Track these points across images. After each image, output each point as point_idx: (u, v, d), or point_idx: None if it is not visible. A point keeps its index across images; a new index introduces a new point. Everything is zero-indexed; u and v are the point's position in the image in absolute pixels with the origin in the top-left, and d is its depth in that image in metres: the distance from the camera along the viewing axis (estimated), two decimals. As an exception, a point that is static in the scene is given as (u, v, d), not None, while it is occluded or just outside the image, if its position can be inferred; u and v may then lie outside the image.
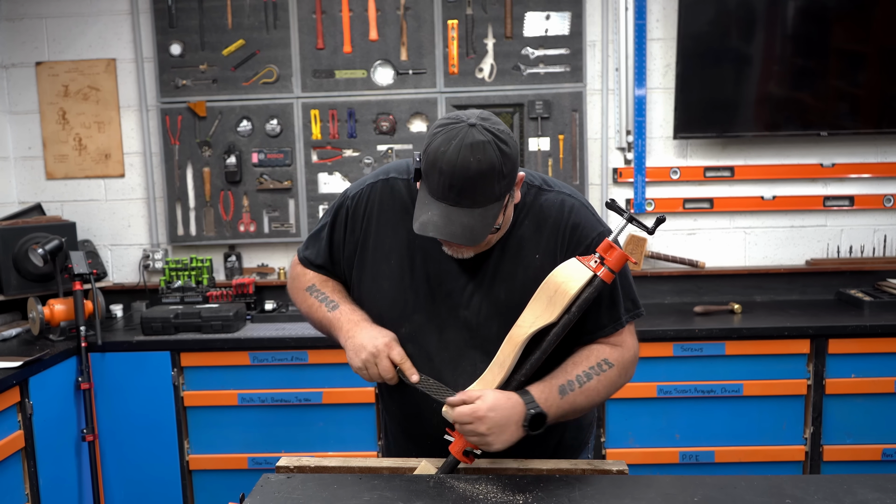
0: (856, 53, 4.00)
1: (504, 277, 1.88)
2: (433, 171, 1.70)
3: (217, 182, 4.19)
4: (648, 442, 3.66)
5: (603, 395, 1.87)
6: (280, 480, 1.80)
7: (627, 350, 1.91)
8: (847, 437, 3.61)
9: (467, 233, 1.71)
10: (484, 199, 1.71)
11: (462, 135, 1.69)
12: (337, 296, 2.01)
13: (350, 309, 1.96)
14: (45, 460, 3.36)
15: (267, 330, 3.75)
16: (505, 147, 1.70)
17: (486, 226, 1.73)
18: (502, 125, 1.75)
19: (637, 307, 1.95)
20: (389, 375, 1.87)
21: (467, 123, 1.70)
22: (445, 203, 1.71)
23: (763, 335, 3.58)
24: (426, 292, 1.92)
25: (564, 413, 1.82)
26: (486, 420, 1.72)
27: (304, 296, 2.06)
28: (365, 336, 1.88)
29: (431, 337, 1.92)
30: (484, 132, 1.69)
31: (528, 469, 1.84)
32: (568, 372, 1.84)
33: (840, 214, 4.18)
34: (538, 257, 1.87)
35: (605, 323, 1.89)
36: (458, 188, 1.69)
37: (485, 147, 1.67)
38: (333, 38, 4.09)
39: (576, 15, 4.02)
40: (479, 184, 1.68)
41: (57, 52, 4.23)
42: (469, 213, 1.71)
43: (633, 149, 4.13)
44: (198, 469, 3.74)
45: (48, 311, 3.66)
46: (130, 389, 3.67)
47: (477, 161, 1.67)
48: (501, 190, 1.72)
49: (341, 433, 3.69)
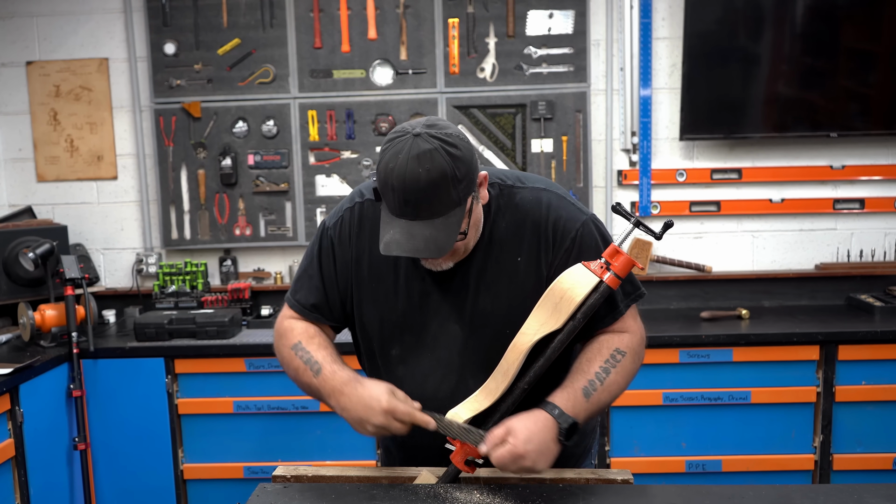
0: (866, 53, 4.01)
1: (487, 286, 1.88)
2: (387, 189, 1.70)
3: (212, 184, 4.20)
4: (654, 451, 3.66)
5: (623, 386, 1.88)
6: (277, 490, 1.81)
7: (634, 334, 1.91)
8: (858, 446, 3.61)
9: (431, 245, 1.71)
10: (443, 208, 1.70)
11: (407, 147, 1.67)
12: (321, 353, 1.92)
13: (331, 371, 1.88)
14: (36, 469, 3.36)
15: (263, 336, 3.76)
16: (454, 150, 1.69)
17: (451, 234, 1.72)
18: (451, 129, 1.74)
19: (637, 288, 1.94)
20: (405, 431, 1.80)
21: (412, 134, 1.69)
22: (404, 219, 1.71)
23: (771, 341, 3.58)
24: (413, 311, 1.91)
25: (592, 414, 1.83)
26: (527, 456, 1.70)
27: (291, 356, 1.97)
28: (359, 407, 1.79)
29: (423, 356, 1.92)
30: (429, 139, 1.68)
31: (530, 478, 1.84)
32: (586, 371, 1.83)
33: (850, 217, 4.18)
34: (520, 260, 1.87)
35: (602, 314, 1.88)
36: (412, 202, 1.68)
37: (432, 155, 1.66)
38: (331, 37, 4.10)
39: (579, 13, 4.03)
40: (434, 193, 1.67)
41: (48, 51, 4.24)
42: (430, 224, 1.70)
43: (639, 150, 4.14)
44: (192, 478, 3.74)
45: (39, 317, 3.66)
46: (123, 397, 3.68)
47: (426, 171, 1.66)
48: (460, 194, 1.71)
49: (339, 442, 3.69)
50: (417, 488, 1.79)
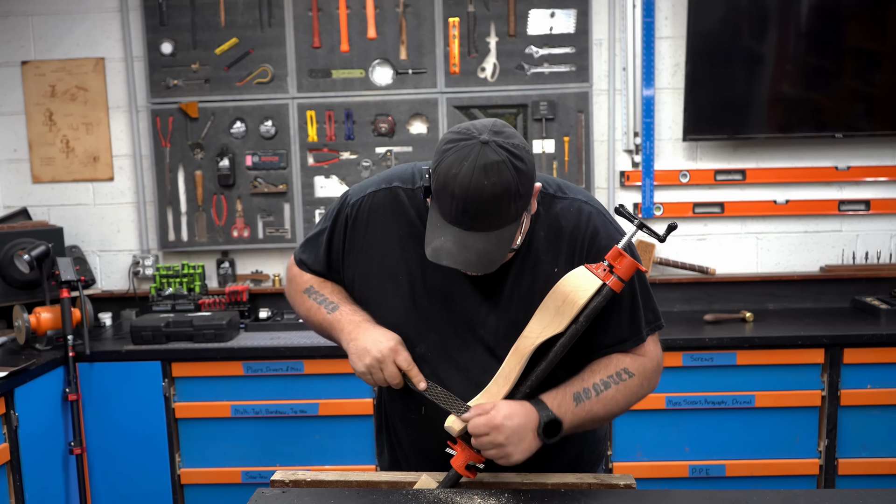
0: (872, 52, 4.01)
1: (521, 295, 1.85)
2: (444, 194, 1.64)
3: (209, 186, 4.20)
4: (657, 455, 3.67)
5: (622, 405, 1.86)
6: (275, 495, 1.81)
7: (650, 360, 1.90)
8: (863, 450, 3.62)
9: (483, 259, 1.67)
10: (500, 222, 1.66)
11: (475, 154, 1.61)
12: (336, 297, 1.97)
13: (351, 310, 1.92)
14: (31, 474, 3.37)
15: (261, 339, 3.76)
16: (521, 164, 1.64)
17: (503, 249, 1.69)
18: (517, 138, 1.68)
19: (657, 319, 1.93)
20: (396, 381, 1.83)
21: (479, 140, 1.63)
22: (459, 227, 1.65)
23: (776, 344, 3.58)
24: (440, 310, 1.88)
25: (581, 421, 1.81)
26: (503, 429, 1.71)
27: (303, 298, 2.02)
28: (369, 339, 1.84)
29: (447, 356, 1.89)
30: (498, 150, 1.62)
31: (531, 483, 1.84)
32: (584, 380, 1.83)
33: (856, 219, 4.18)
34: (556, 271, 1.83)
35: (626, 336, 1.87)
36: (471, 213, 1.63)
37: (500, 168, 1.61)
38: (330, 37, 4.10)
39: (581, 12, 4.03)
40: (495, 207, 1.63)
41: (43, 50, 4.25)
42: (484, 237, 1.66)
43: (641, 151, 4.14)
44: (189, 483, 3.75)
45: (34, 320, 3.67)
46: (120, 400, 3.68)
47: (492, 184, 1.60)
48: (518, 210, 1.68)
49: (338, 446, 3.69)
50: (417, 493, 1.79)
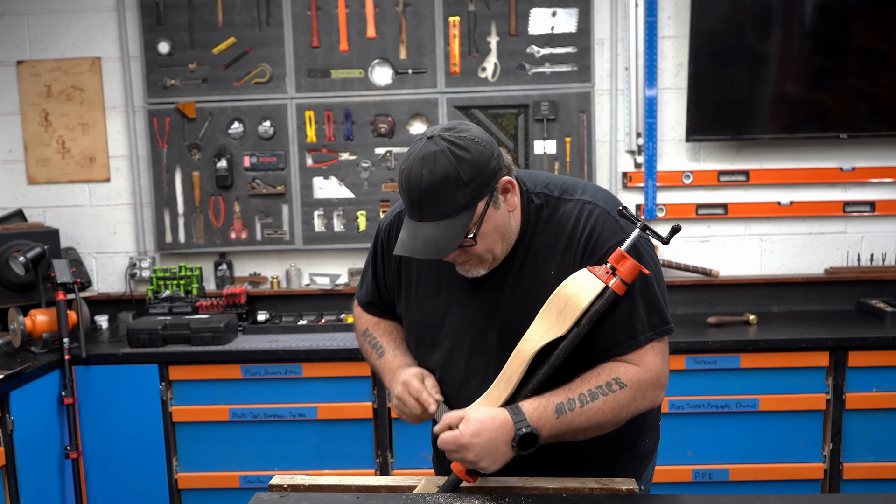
0: (877, 52, 4.01)
1: (521, 297, 1.88)
2: (401, 192, 1.79)
3: (207, 187, 4.20)
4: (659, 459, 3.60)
5: (610, 418, 1.80)
6: (273, 500, 1.81)
7: (647, 370, 1.82)
8: (868, 455, 3.62)
9: (430, 246, 1.75)
10: (447, 210, 1.74)
11: (418, 149, 1.75)
12: (386, 339, 2.13)
13: (392, 356, 2.08)
14: (27, 479, 3.37)
15: (259, 342, 3.76)
16: (462, 153, 1.73)
17: (454, 237, 1.74)
18: (469, 132, 1.77)
19: (665, 322, 1.85)
20: (419, 412, 1.92)
21: (426, 137, 1.77)
22: (414, 220, 1.78)
23: (780, 347, 3.58)
24: (451, 318, 1.96)
25: (561, 433, 1.78)
26: (471, 447, 1.73)
27: (361, 340, 2.21)
28: (394, 385, 1.99)
29: (460, 363, 1.96)
30: (439, 142, 1.73)
31: (533, 487, 1.84)
32: (571, 390, 1.79)
33: (860, 221, 4.19)
34: (553, 273, 1.85)
35: (620, 339, 1.82)
36: (417, 202, 1.75)
37: (436, 157, 1.72)
38: (329, 36, 4.11)
39: (583, 12, 4.03)
40: (435, 195, 1.72)
41: (39, 50, 4.25)
42: (434, 226, 1.75)
43: (644, 152, 4.14)
44: (187, 488, 3.75)
45: (30, 323, 3.67)
46: (116, 404, 3.68)
47: (429, 171, 1.71)
48: (467, 198, 1.74)
49: (337, 450, 3.69)
50: (417, 498, 1.79)
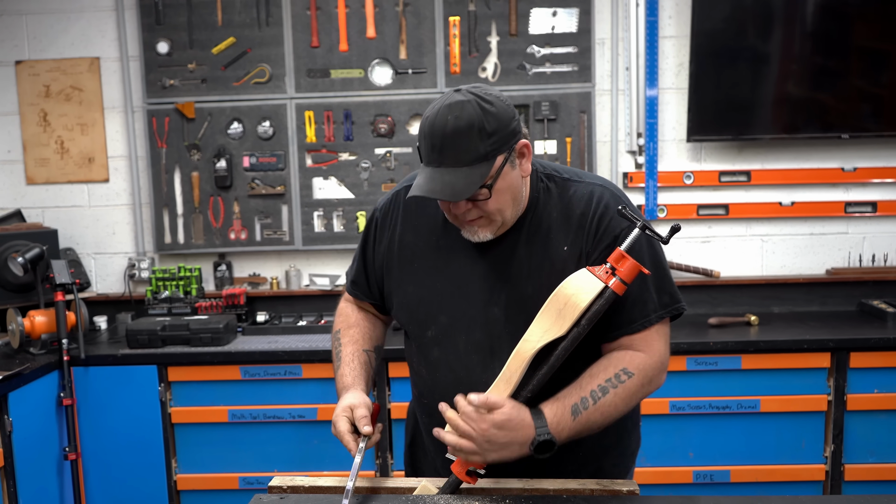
0: (879, 52, 4.01)
1: (531, 271, 1.90)
2: (421, 139, 1.82)
3: (206, 187, 4.20)
4: (660, 461, 3.66)
5: (621, 409, 1.84)
6: (273, 501, 1.81)
7: (652, 356, 1.87)
8: (870, 456, 3.62)
9: (447, 189, 1.77)
10: (468, 157, 1.76)
11: (445, 98, 1.80)
12: (348, 349, 2.11)
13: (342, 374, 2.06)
14: (26, 480, 3.36)
15: (259, 343, 3.76)
16: (488, 106, 1.77)
17: (471, 183, 1.76)
18: (495, 91, 1.83)
19: (676, 301, 1.93)
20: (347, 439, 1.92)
21: (453, 90, 1.82)
22: (431, 166, 1.80)
23: (781, 348, 3.58)
24: (451, 293, 1.96)
25: (577, 433, 1.81)
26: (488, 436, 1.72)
27: (332, 342, 2.19)
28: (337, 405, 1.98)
29: (458, 338, 1.95)
30: (466, 94, 1.79)
31: (533, 489, 1.84)
32: (582, 388, 1.81)
33: (862, 221, 4.18)
34: (566, 249, 1.89)
35: (635, 317, 1.87)
36: (438, 147, 1.77)
37: (463, 105, 1.76)
38: (329, 36, 4.11)
39: (584, 11, 4.03)
40: (458, 140, 1.75)
41: (38, 50, 4.25)
42: (453, 171, 1.77)
43: (645, 152, 4.14)
44: (186, 489, 3.75)
45: (28, 323, 3.67)
46: (115, 405, 3.68)
47: (455, 118, 1.75)
48: (487, 149, 1.77)
49: (337, 451, 3.64)
50: (417, 499, 1.79)
